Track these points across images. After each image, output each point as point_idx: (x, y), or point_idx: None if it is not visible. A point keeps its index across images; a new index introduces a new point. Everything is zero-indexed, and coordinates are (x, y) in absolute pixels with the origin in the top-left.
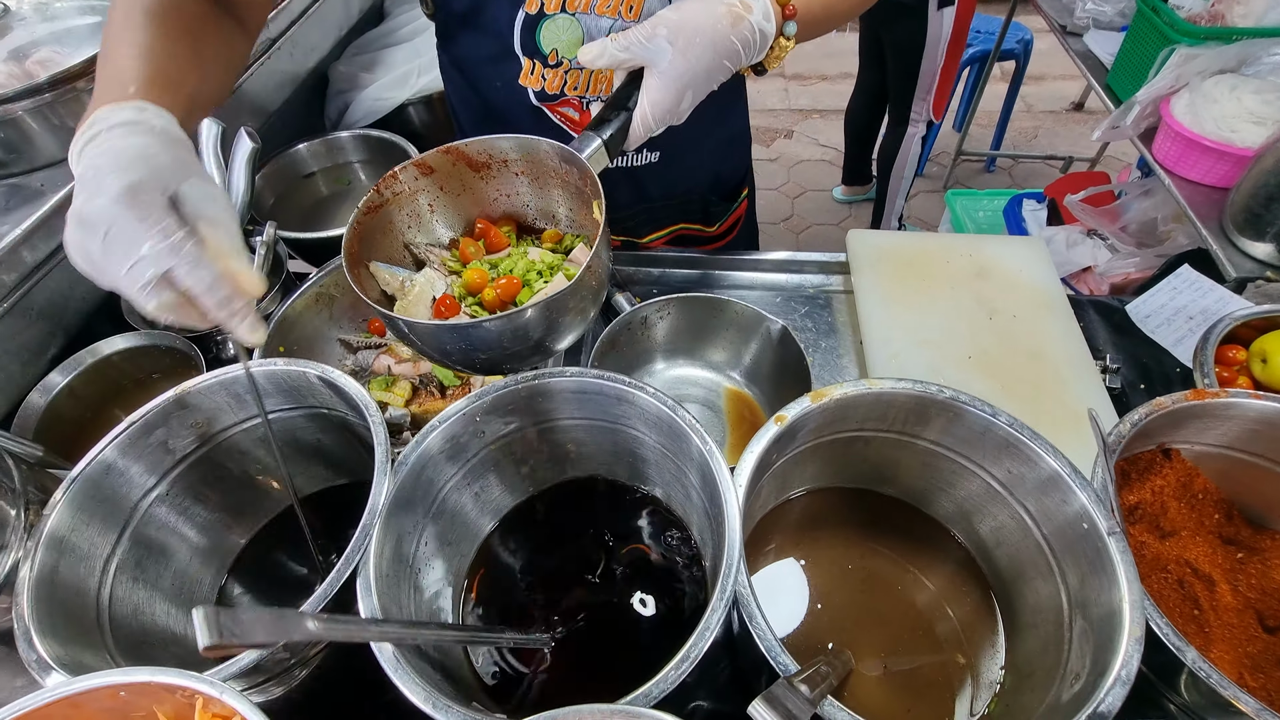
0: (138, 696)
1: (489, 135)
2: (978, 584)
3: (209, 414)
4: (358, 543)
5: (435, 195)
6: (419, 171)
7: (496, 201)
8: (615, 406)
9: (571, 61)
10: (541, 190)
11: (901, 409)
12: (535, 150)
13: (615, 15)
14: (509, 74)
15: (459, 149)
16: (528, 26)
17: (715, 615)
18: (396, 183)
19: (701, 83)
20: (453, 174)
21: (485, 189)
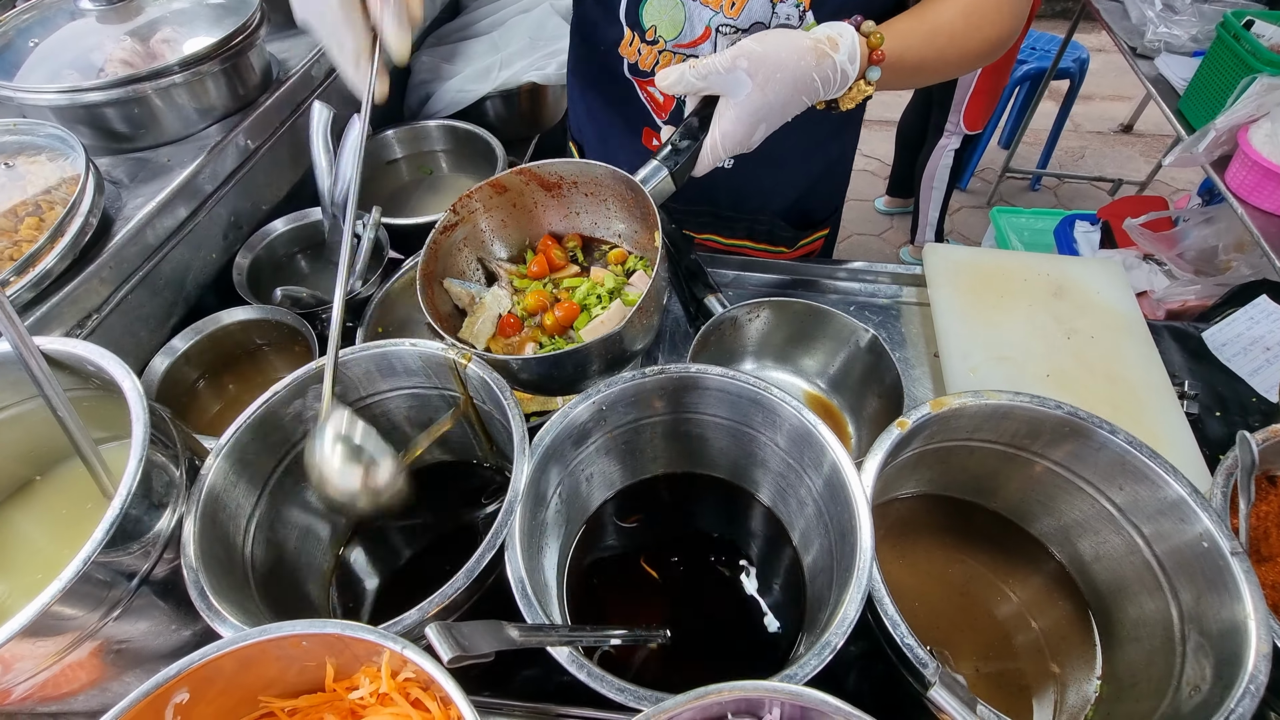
0: (318, 647)
1: (556, 160)
2: (1072, 599)
3: (346, 385)
4: (503, 519)
5: (508, 212)
6: (493, 191)
7: (566, 219)
8: (749, 409)
9: (668, 43)
10: (606, 210)
11: (1017, 422)
12: (599, 176)
13: (717, 8)
14: (611, 39)
15: (532, 170)
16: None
17: (853, 608)
18: (471, 201)
19: (776, 117)
20: (525, 192)
21: (555, 206)
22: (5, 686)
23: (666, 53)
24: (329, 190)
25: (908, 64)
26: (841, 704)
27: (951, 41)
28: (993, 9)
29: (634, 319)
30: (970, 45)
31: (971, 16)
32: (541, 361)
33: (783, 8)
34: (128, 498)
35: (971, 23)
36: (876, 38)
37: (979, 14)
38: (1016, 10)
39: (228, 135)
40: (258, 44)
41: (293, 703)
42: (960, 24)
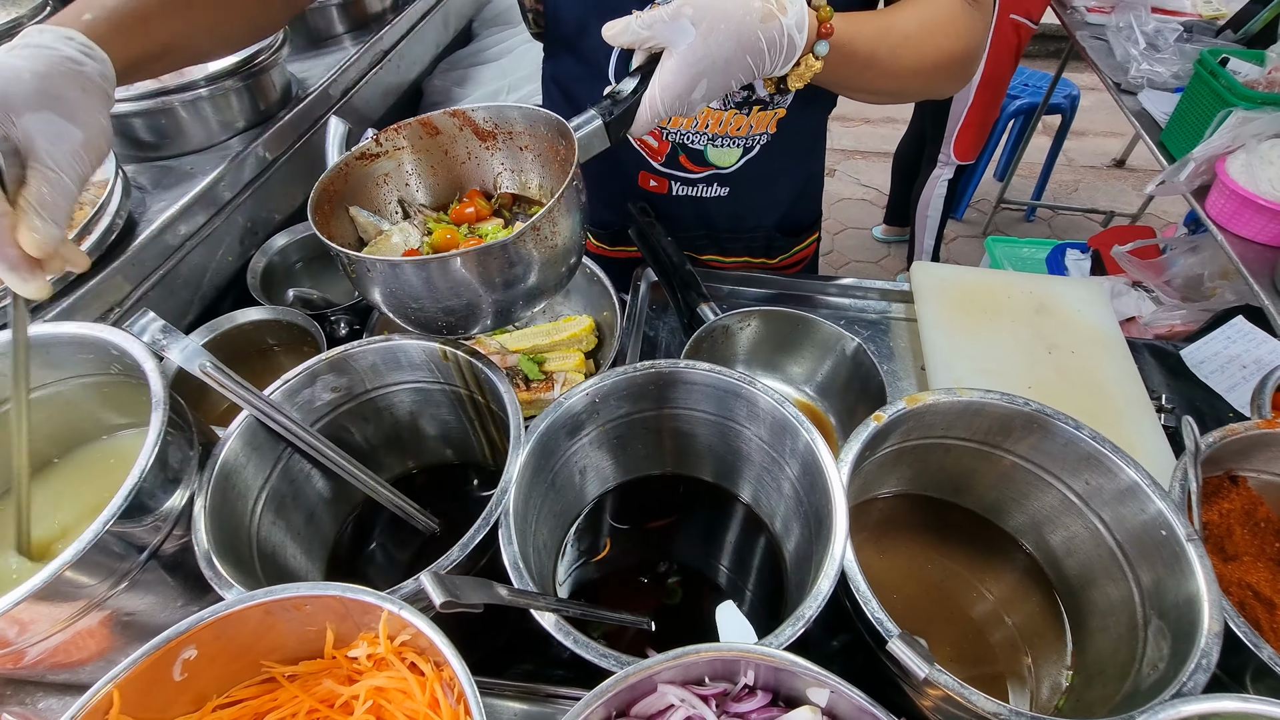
0: (319, 611)
1: (495, 103)
2: (1044, 591)
3: (354, 377)
4: (499, 496)
5: (438, 159)
6: (424, 131)
7: (500, 175)
8: (730, 401)
9: None
10: (540, 167)
11: (988, 419)
12: (533, 122)
13: None
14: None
15: (466, 114)
16: (624, 58)
17: (827, 581)
18: (399, 137)
19: (719, 73)
20: (459, 139)
21: (486, 160)
22: (19, 648)
23: None
24: None
25: (859, 53)
26: (810, 665)
27: (905, 43)
28: (948, 22)
29: (526, 235)
30: (925, 53)
31: (926, 24)
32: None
33: None
34: (146, 468)
35: (926, 29)
36: (826, 10)
37: (934, 24)
38: (973, 29)
39: (247, 147)
40: (280, 64)
41: (293, 668)
42: (914, 29)
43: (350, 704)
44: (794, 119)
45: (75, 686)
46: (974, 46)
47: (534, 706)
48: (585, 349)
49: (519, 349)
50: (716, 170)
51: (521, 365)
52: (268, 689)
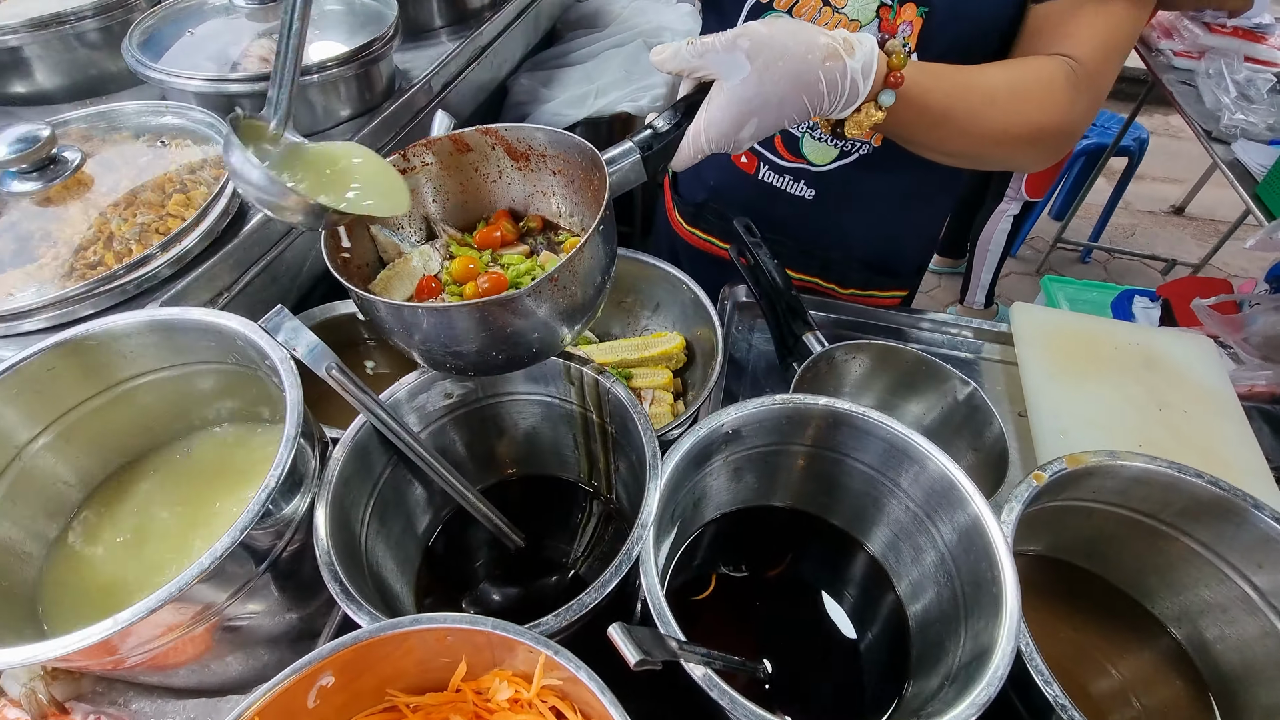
0: (460, 643)
1: (529, 125)
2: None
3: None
4: (637, 533)
5: (467, 177)
6: (454, 147)
7: (529, 198)
8: (895, 456)
9: None
10: (573, 194)
11: (1149, 487)
12: (567, 149)
13: None
14: None
15: (498, 132)
16: (752, 14)
17: (1004, 661)
18: (426, 152)
19: (771, 112)
20: (489, 158)
21: (519, 182)
22: (122, 656)
23: None
24: None
25: (931, 108)
26: None
27: (989, 105)
28: (1044, 91)
29: (542, 286)
30: (1011, 121)
31: (1018, 90)
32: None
33: (890, 43)
34: (281, 475)
35: (1017, 95)
36: (899, 58)
37: (1027, 91)
38: (1073, 107)
39: (353, 136)
40: (389, 54)
41: (417, 699)
42: (1003, 92)
43: None
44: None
45: (166, 689)
46: (1071, 124)
47: None
48: (674, 367)
49: (606, 362)
50: (808, 165)
51: None
52: (390, 718)
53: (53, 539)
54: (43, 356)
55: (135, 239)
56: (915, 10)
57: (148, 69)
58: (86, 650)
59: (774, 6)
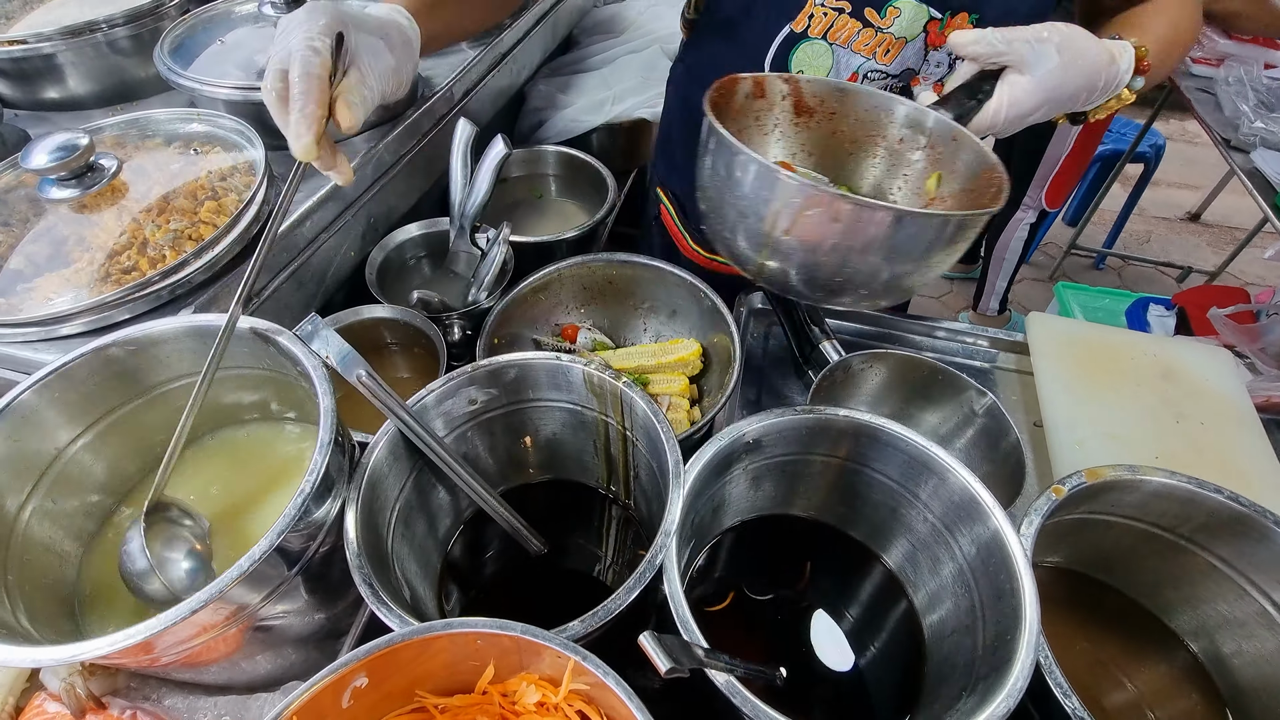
0: (488, 647)
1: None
2: (1205, 694)
3: (496, 391)
4: (661, 541)
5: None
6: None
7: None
8: (916, 469)
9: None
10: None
11: (1168, 502)
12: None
13: (870, 55)
14: None
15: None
16: (786, 44)
17: (1024, 674)
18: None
19: (1060, 103)
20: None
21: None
22: (156, 655)
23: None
24: (460, 202)
25: (1159, 70)
26: None
27: (1171, 52)
28: (1190, 23)
29: (964, 219)
30: (1171, 62)
31: (1180, 29)
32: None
33: (936, 55)
34: (316, 481)
35: (1180, 32)
36: (1143, 49)
37: (1181, 28)
38: (1198, 21)
39: (377, 144)
40: None
41: (445, 700)
42: (1171, 34)
43: None
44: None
45: (197, 685)
46: (1196, 35)
47: None
48: (691, 373)
49: (624, 367)
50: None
51: None
52: (418, 719)
53: (90, 538)
54: (86, 360)
55: (169, 245)
56: (967, 18)
57: (179, 76)
58: (127, 650)
59: (809, 35)
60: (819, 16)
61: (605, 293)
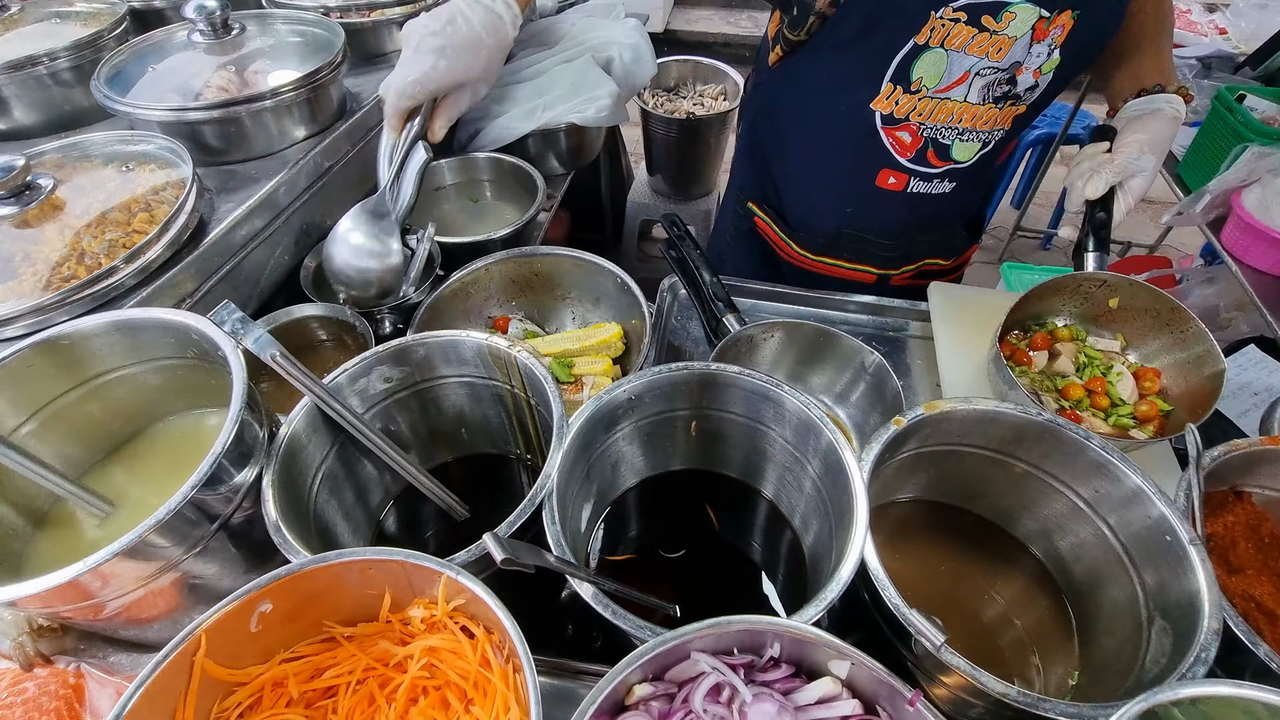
0: (381, 575)
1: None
2: (1052, 595)
3: (408, 369)
4: (542, 481)
5: None
6: None
7: None
8: (760, 403)
9: (929, 90)
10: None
11: (1002, 428)
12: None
13: (983, 55)
14: (861, 97)
15: None
16: (908, 56)
17: (848, 569)
18: None
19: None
20: None
21: None
22: (100, 601)
23: (926, 99)
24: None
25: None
26: (833, 639)
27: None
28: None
29: None
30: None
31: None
32: None
33: (1038, 48)
34: (228, 441)
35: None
36: (1184, 89)
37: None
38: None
39: (306, 155)
40: (339, 79)
41: (351, 629)
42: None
43: (405, 663)
44: (1027, 115)
45: (142, 644)
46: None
47: (564, 682)
48: (613, 355)
49: (550, 352)
50: (954, 165)
51: (552, 368)
52: (328, 647)
53: (42, 516)
54: (22, 354)
55: (104, 254)
56: (1070, 15)
57: (114, 103)
58: (59, 590)
59: (930, 45)
60: (939, 28)
61: (533, 285)
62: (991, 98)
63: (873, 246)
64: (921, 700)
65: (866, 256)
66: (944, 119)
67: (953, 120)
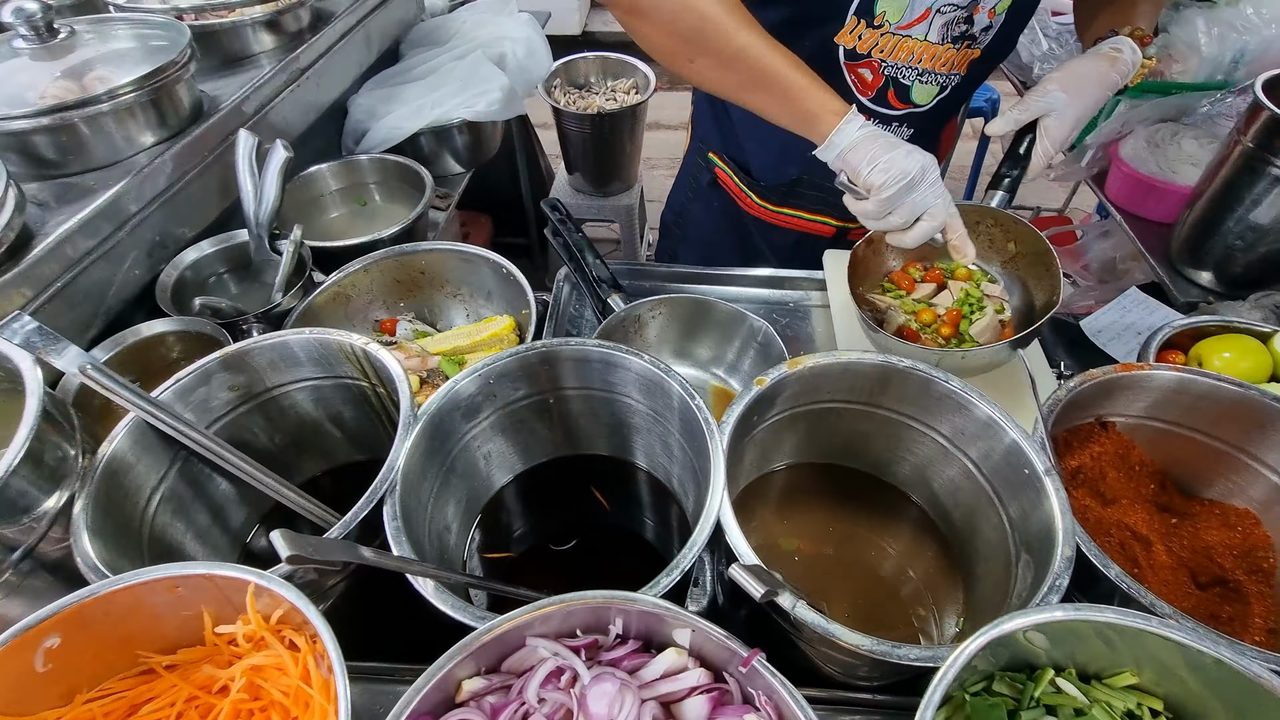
0: (192, 593)
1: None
2: (939, 542)
3: (253, 376)
4: (384, 476)
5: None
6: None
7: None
8: (609, 373)
9: (892, 25)
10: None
11: (867, 378)
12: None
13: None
14: (827, 32)
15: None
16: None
17: (704, 533)
18: None
19: (1087, 114)
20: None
21: None
22: None
23: (889, 34)
24: (254, 212)
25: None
26: (670, 606)
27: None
28: None
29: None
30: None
31: None
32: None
33: None
34: (15, 461)
35: None
36: (1140, 31)
37: None
38: None
39: (153, 162)
40: (186, 79)
41: (172, 658)
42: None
43: (228, 687)
44: (983, 61)
45: None
46: None
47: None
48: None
49: (440, 350)
50: (914, 109)
51: (443, 366)
52: (145, 680)
53: None
54: None
55: None
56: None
57: None
58: None
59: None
60: None
61: (420, 283)
62: (950, 37)
63: (832, 195)
64: (759, 660)
65: (826, 206)
66: (905, 57)
67: (913, 60)
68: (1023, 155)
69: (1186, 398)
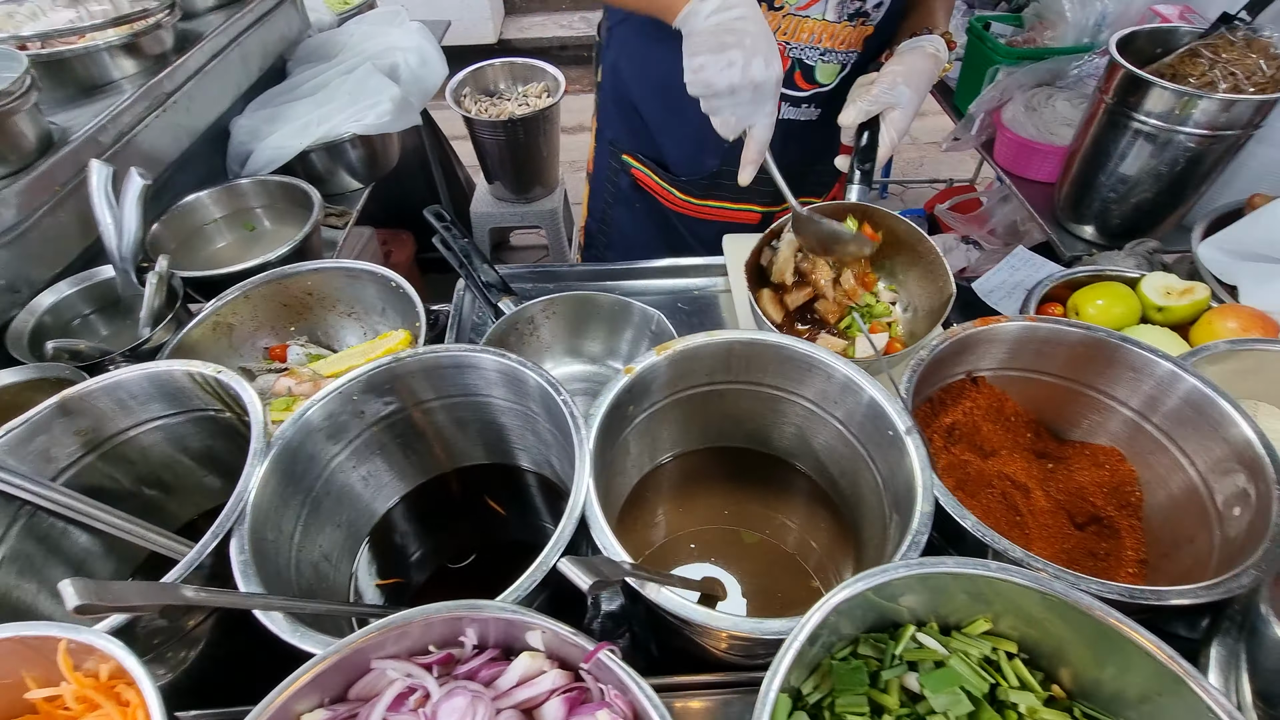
0: (9, 655)
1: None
2: (830, 511)
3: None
4: (229, 511)
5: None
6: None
7: None
8: (464, 376)
9: (791, 8)
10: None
11: (738, 357)
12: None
13: None
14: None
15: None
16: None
17: (568, 529)
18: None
19: (920, 103)
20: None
21: None
22: None
23: (790, 16)
24: (116, 246)
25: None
26: (517, 609)
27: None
28: None
29: None
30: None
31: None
32: None
33: None
34: None
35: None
36: (948, 35)
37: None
38: None
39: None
40: (26, 109)
41: None
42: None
43: None
44: (876, 36)
45: None
46: None
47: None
48: None
49: (334, 373)
50: (819, 89)
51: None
52: None
53: None
54: None
55: None
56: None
57: None
58: None
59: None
60: None
61: (309, 305)
62: (846, 15)
63: (754, 183)
64: (604, 653)
65: (749, 194)
66: (807, 38)
67: (814, 39)
68: (866, 146)
69: (1034, 343)
